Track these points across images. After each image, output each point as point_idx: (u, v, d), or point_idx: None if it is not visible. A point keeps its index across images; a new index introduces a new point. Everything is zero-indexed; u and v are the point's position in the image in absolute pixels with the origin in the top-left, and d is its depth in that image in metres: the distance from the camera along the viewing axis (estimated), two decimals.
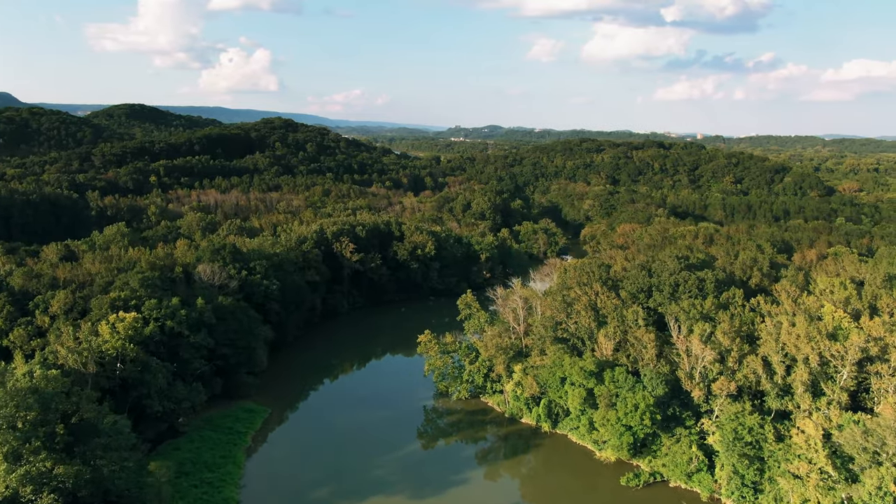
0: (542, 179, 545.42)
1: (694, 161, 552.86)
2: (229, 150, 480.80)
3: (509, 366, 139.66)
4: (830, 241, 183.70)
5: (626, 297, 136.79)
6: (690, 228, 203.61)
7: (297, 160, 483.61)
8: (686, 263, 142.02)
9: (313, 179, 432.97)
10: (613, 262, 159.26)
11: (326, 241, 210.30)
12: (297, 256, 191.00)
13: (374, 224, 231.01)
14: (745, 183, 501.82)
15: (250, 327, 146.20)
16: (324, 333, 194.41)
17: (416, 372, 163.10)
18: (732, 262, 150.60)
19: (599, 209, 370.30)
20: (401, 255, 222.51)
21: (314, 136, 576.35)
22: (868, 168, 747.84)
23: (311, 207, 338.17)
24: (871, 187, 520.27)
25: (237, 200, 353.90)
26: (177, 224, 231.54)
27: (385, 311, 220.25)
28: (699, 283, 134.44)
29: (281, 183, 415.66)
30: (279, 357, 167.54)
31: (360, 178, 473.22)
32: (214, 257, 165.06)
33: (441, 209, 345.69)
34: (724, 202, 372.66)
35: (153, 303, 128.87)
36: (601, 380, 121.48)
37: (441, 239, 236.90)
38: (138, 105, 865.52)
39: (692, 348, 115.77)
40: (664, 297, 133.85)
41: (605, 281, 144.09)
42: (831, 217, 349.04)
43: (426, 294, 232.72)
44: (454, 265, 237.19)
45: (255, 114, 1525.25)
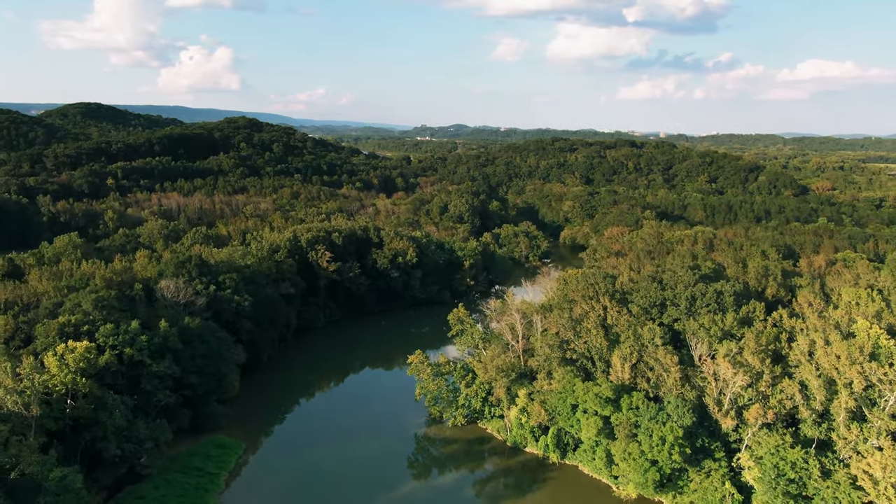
0: (517, 179, 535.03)
1: (668, 160, 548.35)
2: (192, 150, 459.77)
3: (510, 389, 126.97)
4: (836, 245, 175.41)
5: (637, 312, 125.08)
6: (687, 233, 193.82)
7: (264, 161, 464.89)
8: (700, 274, 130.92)
9: (281, 181, 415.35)
10: (618, 272, 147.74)
11: (301, 250, 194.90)
12: (270, 267, 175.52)
13: (351, 230, 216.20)
14: (720, 182, 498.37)
15: (220, 350, 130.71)
16: (300, 351, 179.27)
17: (403, 391, 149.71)
18: (745, 272, 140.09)
19: (579, 211, 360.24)
20: (380, 264, 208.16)
21: (280, 135, 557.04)
22: (833, 166, 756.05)
23: (279, 210, 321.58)
24: (843, 186, 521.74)
25: (201, 204, 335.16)
26: (136, 232, 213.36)
27: (364, 324, 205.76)
28: (717, 297, 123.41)
29: (247, 185, 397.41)
30: (252, 380, 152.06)
31: (329, 180, 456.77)
32: (179, 271, 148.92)
33: (417, 212, 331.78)
34: (705, 202, 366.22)
35: (109, 328, 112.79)
36: (618, 407, 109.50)
37: (422, 245, 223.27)
38: (95, 104, 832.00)
39: (720, 372, 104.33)
40: (681, 313, 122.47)
41: (613, 294, 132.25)
42: (812, 217, 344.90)
43: (407, 304, 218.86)
44: (436, 273, 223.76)
45: (216, 113, 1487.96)
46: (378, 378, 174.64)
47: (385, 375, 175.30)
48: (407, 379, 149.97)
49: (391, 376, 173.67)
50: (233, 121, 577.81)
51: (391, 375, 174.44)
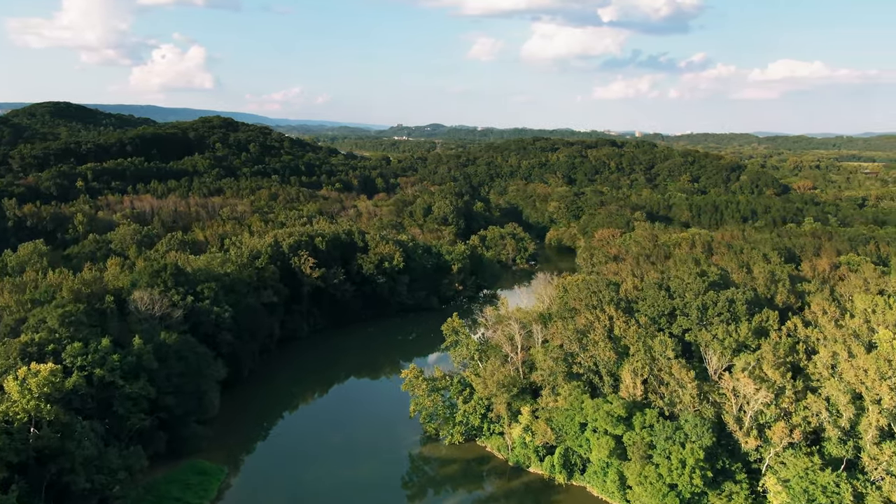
0: (499, 179, 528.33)
1: (649, 160, 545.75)
2: (165, 151, 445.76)
3: (510, 405, 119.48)
4: (838, 248, 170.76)
5: (645, 322, 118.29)
6: (684, 236, 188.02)
7: (240, 161, 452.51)
8: (709, 282, 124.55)
9: (258, 182, 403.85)
10: (620, 278, 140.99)
11: (283, 256, 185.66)
12: (251, 275, 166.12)
13: (335, 234, 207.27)
14: (702, 182, 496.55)
15: (200, 368, 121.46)
16: (283, 362, 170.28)
17: (394, 405, 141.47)
18: (753, 278, 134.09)
19: (565, 212, 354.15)
20: (366, 269, 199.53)
21: (256, 135, 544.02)
22: (810, 165, 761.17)
23: (257, 213, 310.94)
24: (823, 185, 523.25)
25: (175, 206, 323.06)
26: (107, 238, 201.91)
27: (350, 332, 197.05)
28: (729, 306, 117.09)
29: (223, 186, 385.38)
30: (233, 396, 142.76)
31: (308, 180, 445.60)
32: (153, 281, 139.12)
33: (400, 213, 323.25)
34: (691, 203, 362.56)
35: (77, 347, 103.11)
36: (631, 426, 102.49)
37: (409, 249, 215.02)
38: (64, 103, 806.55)
39: (741, 387, 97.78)
40: (692, 323, 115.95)
41: (618, 303, 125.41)
42: (798, 217, 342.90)
43: (394, 310, 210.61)
44: (424, 278, 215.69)
45: (190, 112, 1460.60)
46: (367, 390, 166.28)
47: (374, 387, 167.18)
48: (398, 391, 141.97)
49: (380, 388, 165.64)
50: (207, 120, 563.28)
51: (380, 387, 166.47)
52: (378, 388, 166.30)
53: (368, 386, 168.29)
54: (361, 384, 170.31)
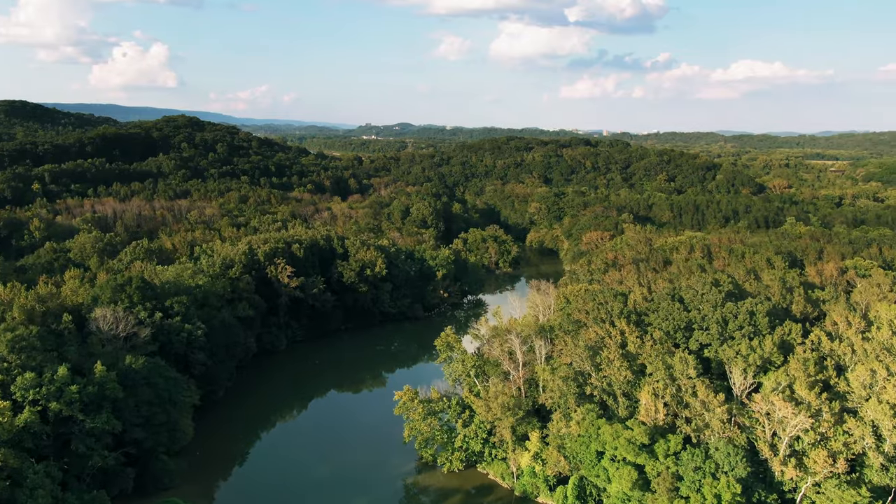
0: (474, 180, 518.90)
1: (625, 159, 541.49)
2: (128, 151, 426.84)
3: (515, 429, 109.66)
4: (842, 252, 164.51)
5: (660, 337, 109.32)
6: (680, 239, 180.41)
7: (207, 162, 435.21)
8: (725, 291, 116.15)
9: (227, 184, 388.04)
10: (625, 287, 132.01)
11: (258, 264, 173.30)
12: (225, 287, 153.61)
13: (313, 240, 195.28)
14: (679, 181, 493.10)
15: (171, 394, 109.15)
16: (261, 380, 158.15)
17: (384, 426, 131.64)
18: (767, 287, 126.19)
19: (546, 213, 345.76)
20: (347, 277, 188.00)
21: (224, 135, 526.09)
22: (779, 164, 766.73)
23: (227, 216, 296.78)
24: (797, 184, 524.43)
25: (140, 210, 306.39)
26: (66, 246, 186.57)
27: (331, 345, 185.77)
28: (750, 318, 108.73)
29: (190, 188, 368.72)
30: (208, 421, 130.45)
31: (278, 182, 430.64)
32: (117, 296, 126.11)
33: (377, 216, 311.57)
34: (672, 203, 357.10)
35: (29, 378, 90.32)
36: (654, 454, 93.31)
37: (391, 255, 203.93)
38: (19, 102, 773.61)
39: (776, 411, 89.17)
40: (712, 338, 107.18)
41: (628, 316, 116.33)
42: (779, 216, 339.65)
43: (377, 320, 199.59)
44: (407, 285, 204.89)
45: (153, 111, 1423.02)
46: (353, 409, 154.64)
47: (360, 405, 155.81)
48: (385, 409, 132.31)
49: (366, 406, 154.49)
50: (172, 119, 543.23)
51: (366, 405, 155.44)
52: (364, 405, 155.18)
53: (353, 404, 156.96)
54: (346, 402, 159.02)
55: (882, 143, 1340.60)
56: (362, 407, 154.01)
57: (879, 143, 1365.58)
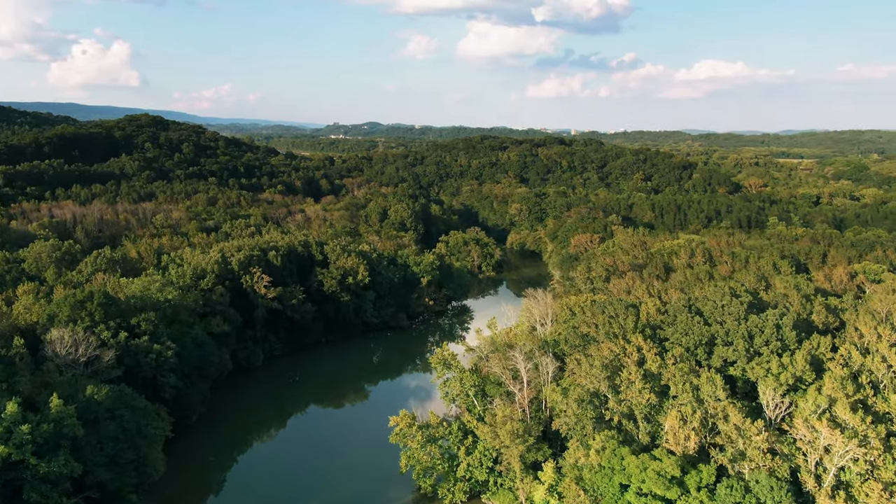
0: (450, 180, 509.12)
1: (601, 158, 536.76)
2: (88, 152, 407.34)
3: (524, 456, 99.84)
4: (849, 255, 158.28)
5: (681, 354, 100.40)
6: (678, 243, 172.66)
7: (173, 163, 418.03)
8: (748, 302, 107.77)
9: (194, 185, 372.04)
10: (635, 298, 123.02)
11: (232, 274, 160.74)
12: (196, 300, 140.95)
13: (291, 246, 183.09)
14: (655, 180, 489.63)
15: (139, 427, 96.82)
16: (237, 400, 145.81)
17: (374, 450, 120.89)
18: (786, 296, 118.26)
19: (527, 214, 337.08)
20: (328, 286, 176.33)
21: (189, 134, 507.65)
22: (749, 162, 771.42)
23: (195, 219, 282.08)
24: (771, 182, 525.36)
25: (101, 214, 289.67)
26: (19, 256, 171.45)
27: (311, 358, 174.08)
28: (777, 332, 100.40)
29: (155, 190, 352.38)
30: (179, 450, 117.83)
31: (248, 183, 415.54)
32: (77, 314, 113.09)
33: (354, 219, 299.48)
34: (653, 203, 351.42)
35: None
36: (685, 487, 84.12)
37: (373, 261, 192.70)
38: None
39: (820, 438, 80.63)
40: (738, 355, 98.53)
41: (643, 330, 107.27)
42: (761, 216, 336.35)
43: (359, 330, 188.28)
44: (391, 293, 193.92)
45: (115, 111, 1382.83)
46: (338, 429, 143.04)
47: (346, 425, 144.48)
48: (374, 429, 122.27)
49: (354, 425, 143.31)
50: (135, 118, 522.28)
51: (354, 424, 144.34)
52: (350, 424, 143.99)
53: (338, 424, 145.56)
54: (330, 421, 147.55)
55: (843, 142, 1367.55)
56: (348, 427, 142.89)
57: (840, 141, 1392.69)
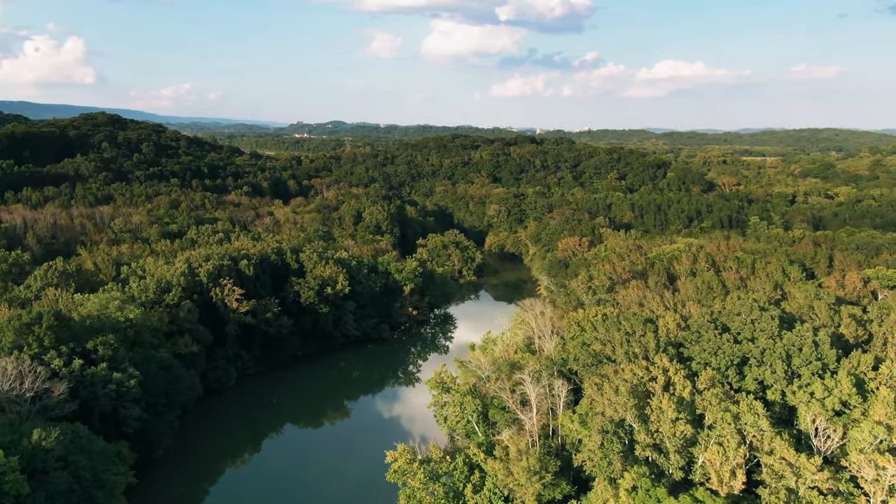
0: (423, 180, 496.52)
1: (574, 157, 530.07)
2: (40, 152, 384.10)
3: (540, 495, 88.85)
4: (858, 260, 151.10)
5: (712, 377, 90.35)
6: (677, 247, 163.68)
7: (132, 163, 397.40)
8: (777, 316, 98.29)
9: (155, 187, 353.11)
10: (648, 311, 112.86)
11: (200, 287, 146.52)
12: (161, 318, 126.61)
13: (263, 254, 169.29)
14: (630, 179, 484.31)
15: (96, 475, 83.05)
16: (207, 428, 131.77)
17: (361, 480, 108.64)
18: (811, 307, 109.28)
19: (506, 216, 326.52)
20: (305, 297, 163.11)
21: (149, 133, 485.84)
22: (717, 161, 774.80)
23: (157, 223, 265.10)
24: (744, 181, 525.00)
25: (55, 218, 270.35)
26: None
27: (287, 375, 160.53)
28: (815, 350, 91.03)
29: (113, 193, 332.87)
30: (143, 490, 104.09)
31: (212, 184, 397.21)
32: (23, 339, 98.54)
33: (326, 222, 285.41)
34: (632, 203, 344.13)
35: None
36: None
37: (353, 269, 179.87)
38: None
39: (885, 476, 71.21)
40: (777, 377, 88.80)
41: (665, 349, 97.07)
42: (741, 216, 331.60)
43: (339, 343, 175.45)
44: (372, 302, 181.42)
45: (70, 109, 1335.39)
46: (319, 450, 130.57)
47: (327, 445, 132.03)
48: (361, 455, 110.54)
49: (338, 453, 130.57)
50: (91, 117, 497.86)
51: (334, 445, 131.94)
52: (330, 446, 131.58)
53: (321, 449, 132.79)
54: (312, 447, 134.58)
55: (802, 140, 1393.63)
56: (328, 447, 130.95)
57: (800, 139, 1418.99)
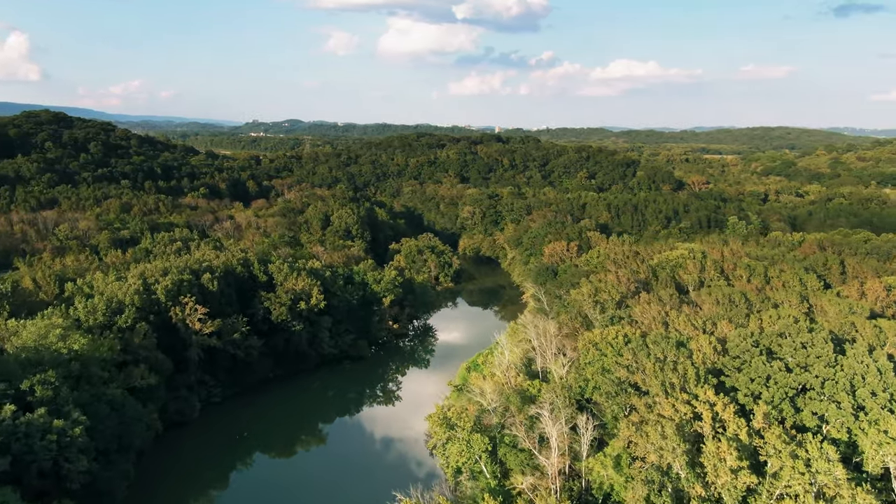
0: (389, 179, 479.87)
1: (543, 156, 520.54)
2: None
3: None
4: (875, 267, 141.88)
5: (767, 412, 78.15)
6: (680, 253, 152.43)
7: (79, 164, 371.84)
8: (832, 338, 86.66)
9: (104, 189, 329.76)
10: (675, 331, 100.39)
11: (158, 306, 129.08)
12: (112, 346, 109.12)
13: (228, 266, 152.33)
14: (600, 178, 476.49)
15: None
16: (168, 470, 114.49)
17: None
18: (853, 324, 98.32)
19: (481, 218, 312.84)
20: (276, 314, 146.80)
21: (97, 132, 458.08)
22: (680, 159, 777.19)
23: (107, 229, 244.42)
24: (713, 179, 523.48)
25: None
26: None
27: (258, 400, 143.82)
28: (880, 378, 79.56)
29: (58, 196, 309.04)
30: None
31: (166, 186, 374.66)
32: None
33: (292, 226, 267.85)
34: (608, 203, 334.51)
35: None
36: None
37: (327, 281, 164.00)
38: None
39: None
40: (844, 413, 76.95)
41: (706, 379, 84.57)
42: (718, 215, 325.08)
43: (314, 363, 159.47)
44: (349, 317, 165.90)
45: (12, 107, 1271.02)
46: (298, 488, 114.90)
47: (299, 477, 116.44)
48: (342, 489, 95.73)
49: (308, 478, 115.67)
50: (33, 115, 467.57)
51: (308, 476, 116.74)
52: (304, 478, 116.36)
53: (291, 477, 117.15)
54: (281, 474, 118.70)
55: (756, 138, 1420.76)
56: (301, 479, 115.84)
57: (754, 137, 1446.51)
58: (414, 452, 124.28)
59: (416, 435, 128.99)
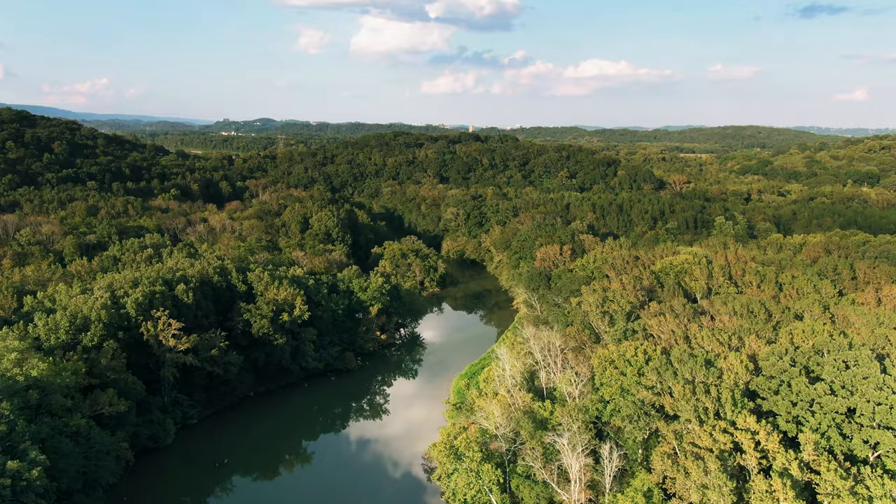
0: (367, 180, 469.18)
1: (523, 155, 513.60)
2: None
3: None
4: (890, 272, 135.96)
5: (814, 441, 70.50)
6: (684, 258, 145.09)
7: (42, 165, 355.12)
8: (872, 356, 79.32)
9: (69, 192, 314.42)
10: (698, 346, 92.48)
11: (128, 321, 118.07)
12: (77, 369, 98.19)
13: (204, 276, 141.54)
14: (580, 177, 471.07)
15: None
16: (139, 499, 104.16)
17: None
18: (886, 337, 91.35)
19: (465, 219, 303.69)
20: (257, 327, 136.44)
21: (62, 131, 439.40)
22: (657, 158, 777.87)
23: (72, 233, 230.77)
24: (693, 178, 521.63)
25: None
26: None
27: (240, 419, 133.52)
28: None
29: (19, 198, 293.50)
30: None
31: (135, 187, 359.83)
32: None
33: (269, 229, 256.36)
34: (594, 203, 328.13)
35: None
36: None
37: (311, 290, 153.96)
38: None
39: None
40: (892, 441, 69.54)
41: (742, 403, 76.74)
42: (705, 215, 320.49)
43: (298, 378, 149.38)
44: (335, 328, 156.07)
45: None
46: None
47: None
48: None
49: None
50: None
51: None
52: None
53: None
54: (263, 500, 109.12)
55: (728, 137, 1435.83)
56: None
57: (725, 136, 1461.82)
58: (407, 469, 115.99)
59: (411, 453, 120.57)
